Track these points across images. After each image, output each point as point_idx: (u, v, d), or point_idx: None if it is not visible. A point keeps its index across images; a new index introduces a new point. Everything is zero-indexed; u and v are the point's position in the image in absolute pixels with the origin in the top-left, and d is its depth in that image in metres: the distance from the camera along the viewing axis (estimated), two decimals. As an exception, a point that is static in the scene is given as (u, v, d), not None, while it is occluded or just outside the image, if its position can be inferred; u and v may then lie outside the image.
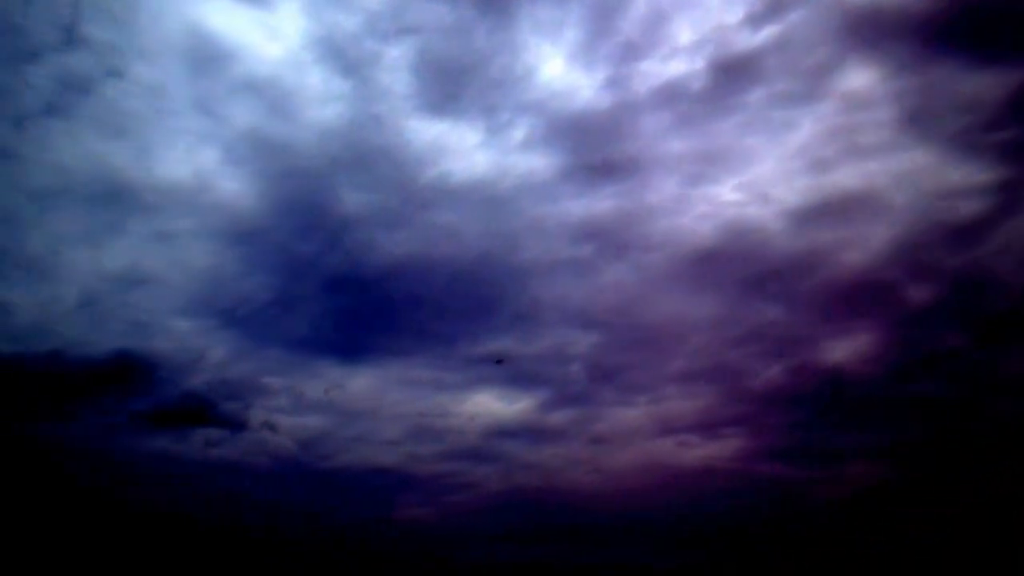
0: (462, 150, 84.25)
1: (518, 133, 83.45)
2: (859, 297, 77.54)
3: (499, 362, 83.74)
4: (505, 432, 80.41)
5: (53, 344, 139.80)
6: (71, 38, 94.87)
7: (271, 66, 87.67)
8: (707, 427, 77.94)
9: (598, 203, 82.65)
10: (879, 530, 68.26)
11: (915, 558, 64.07)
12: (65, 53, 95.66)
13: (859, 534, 68.58)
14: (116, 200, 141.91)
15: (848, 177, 77.73)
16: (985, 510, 64.93)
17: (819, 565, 67.16)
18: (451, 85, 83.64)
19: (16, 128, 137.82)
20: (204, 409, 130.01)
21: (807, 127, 78.56)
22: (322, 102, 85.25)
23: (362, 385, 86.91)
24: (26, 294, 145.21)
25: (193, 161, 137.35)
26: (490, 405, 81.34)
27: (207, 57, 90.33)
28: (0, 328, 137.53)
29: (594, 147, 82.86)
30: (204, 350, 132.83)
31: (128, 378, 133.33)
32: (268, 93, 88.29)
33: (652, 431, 78.46)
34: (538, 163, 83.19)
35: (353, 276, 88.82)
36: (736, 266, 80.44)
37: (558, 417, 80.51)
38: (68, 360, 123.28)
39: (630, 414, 79.47)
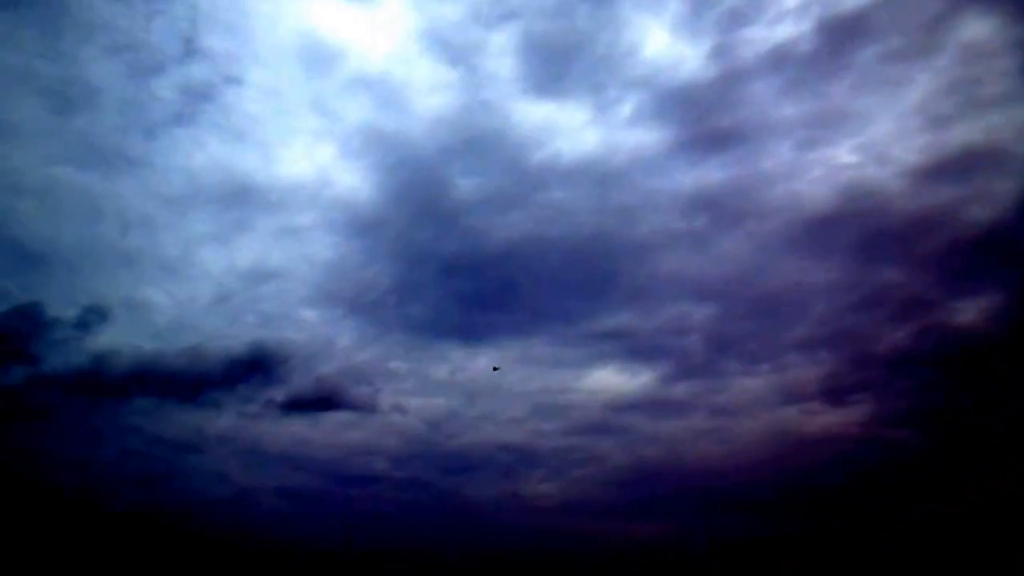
0: (571, 129, 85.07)
1: (626, 109, 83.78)
2: (986, 254, 75.06)
3: (496, 369, 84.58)
4: (627, 406, 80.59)
5: (192, 339, 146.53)
6: (191, 49, 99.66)
7: (380, 61, 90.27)
8: (832, 394, 76.64)
9: (710, 173, 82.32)
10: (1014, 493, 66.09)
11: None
12: (186, 64, 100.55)
13: (992, 498, 66.66)
14: (242, 200, 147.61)
15: (969, 131, 75.10)
16: None
17: (956, 528, 65.64)
18: (556, 66, 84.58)
19: (147, 138, 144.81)
20: (335, 395, 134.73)
21: (924, 83, 76.27)
22: (431, 92, 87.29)
23: (484, 365, 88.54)
24: (165, 293, 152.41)
25: (312, 158, 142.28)
26: (611, 380, 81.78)
27: (319, 58, 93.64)
28: (144, 326, 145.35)
29: (703, 118, 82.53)
30: (332, 338, 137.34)
31: (263, 368, 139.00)
32: (378, 88, 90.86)
33: (776, 400, 77.64)
34: (647, 138, 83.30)
35: (470, 259, 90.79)
36: (856, 229, 78.76)
37: (680, 389, 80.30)
38: (207, 353, 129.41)
39: (752, 384, 78.78)
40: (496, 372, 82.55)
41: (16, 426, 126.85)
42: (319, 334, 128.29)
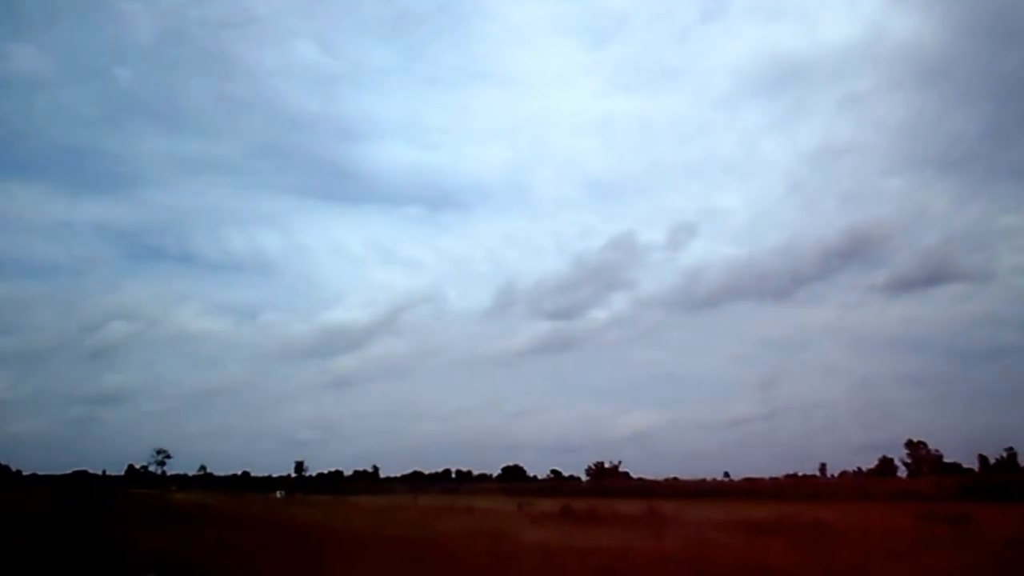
0: None
1: None
2: None
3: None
4: None
5: (775, 235, 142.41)
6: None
7: None
8: None
9: None
10: None
11: None
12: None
13: None
14: (792, 79, 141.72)
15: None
16: None
17: None
18: None
19: (681, 44, 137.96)
20: (941, 266, 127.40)
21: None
22: None
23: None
24: (737, 195, 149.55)
25: (857, 13, 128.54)
26: None
27: None
28: (725, 232, 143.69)
29: None
30: (925, 205, 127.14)
31: (858, 252, 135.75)
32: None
33: None
34: None
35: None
36: None
37: None
38: (796, 247, 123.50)
39: None
40: None
41: (626, 349, 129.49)
42: (910, 203, 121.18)
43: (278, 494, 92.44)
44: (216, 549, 21.91)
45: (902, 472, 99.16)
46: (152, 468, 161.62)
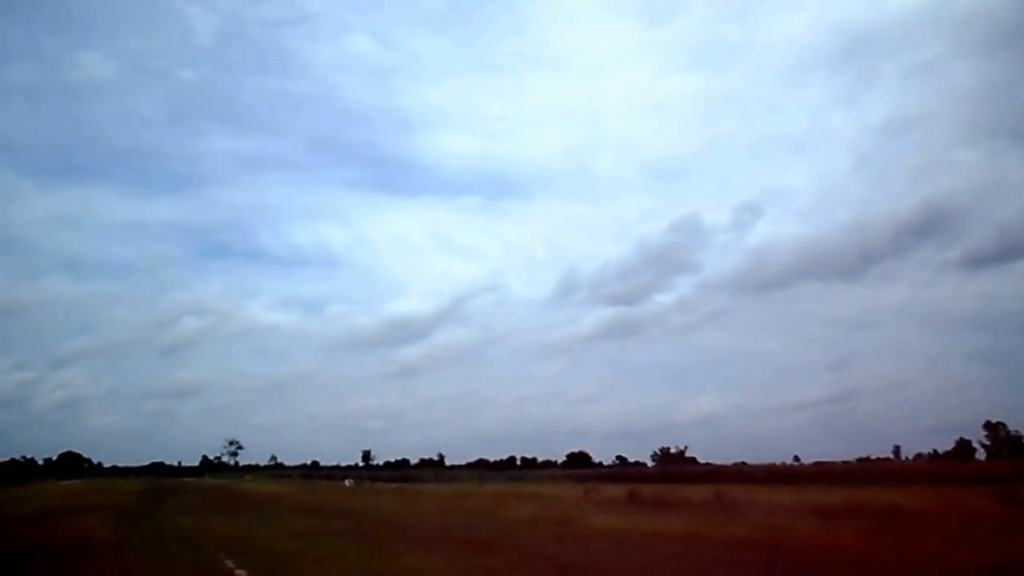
0: None
1: None
2: None
3: None
4: None
5: (842, 213, 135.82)
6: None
7: None
8: None
9: None
10: None
11: None
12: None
13: None
14: (856, 51, 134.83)
15: None
16: None
17: None
18: None
19: (740, 17, 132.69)
20: (1019, 239, 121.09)
21: None
22: None
23: None
24: (802, 173, 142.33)
25: None
26: None
27: None
28: (791, 211, 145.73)
29: None
30: (1000, 176, 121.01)
31: (931, 227, 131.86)
32: None
33: None
34: None
35: None
36: None
37: None
38: (865, 225, 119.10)
39: None
40: None
41: (691, 333, 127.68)
42: (983, 175, 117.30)
43: (347, 482, 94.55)
44: (285, 535, 22.37)
45: (980, 454, 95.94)
46: (225, 459, 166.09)
